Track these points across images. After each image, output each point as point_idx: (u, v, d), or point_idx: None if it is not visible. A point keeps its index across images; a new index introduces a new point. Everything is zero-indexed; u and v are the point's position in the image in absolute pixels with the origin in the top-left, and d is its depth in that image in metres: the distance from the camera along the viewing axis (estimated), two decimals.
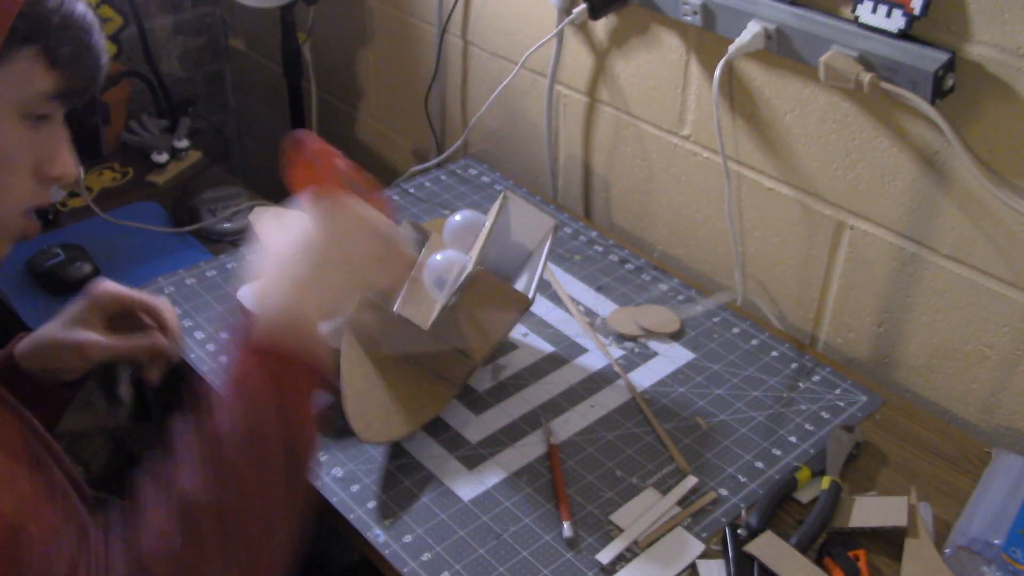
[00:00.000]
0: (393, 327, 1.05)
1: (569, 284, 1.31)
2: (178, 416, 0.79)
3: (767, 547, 0.92)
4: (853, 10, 1.03)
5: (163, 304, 1.08)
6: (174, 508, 0.73)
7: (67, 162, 0.80)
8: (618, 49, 1.35)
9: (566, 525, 0.96)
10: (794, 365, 1.18)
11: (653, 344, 1.21)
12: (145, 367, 1.07)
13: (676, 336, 1.22)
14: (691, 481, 1.01)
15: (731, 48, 1.13)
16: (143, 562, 0.72)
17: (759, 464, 1.04)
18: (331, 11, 1.84)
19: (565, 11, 1.36)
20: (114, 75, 1.65)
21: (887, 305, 1.17)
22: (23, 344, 1.02)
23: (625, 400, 1.12)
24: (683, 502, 0.99)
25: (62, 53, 0.75)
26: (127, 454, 1.97)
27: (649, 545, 0.95)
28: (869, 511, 0.97)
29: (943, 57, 0.98)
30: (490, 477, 1.03)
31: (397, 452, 1.05)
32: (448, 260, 1.08)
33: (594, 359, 1.18)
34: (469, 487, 1.02)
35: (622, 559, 0.94)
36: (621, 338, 1.21)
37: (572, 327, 1.23)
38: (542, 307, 1.26)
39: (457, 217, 1.16)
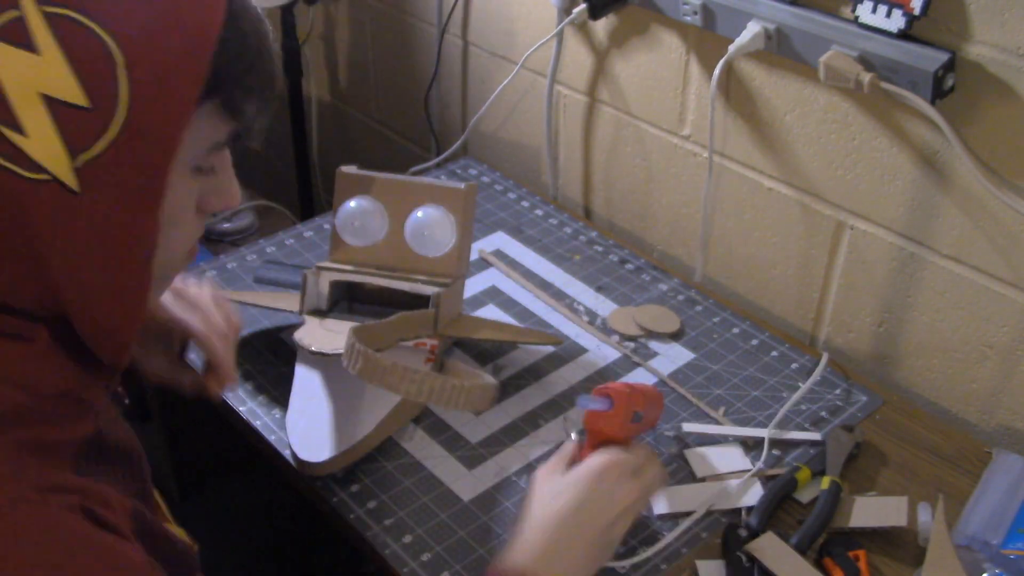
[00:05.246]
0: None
1: (569, 284, 1.31)
2: None
3: (767, 547, 0.92)
4: (853, 10, 1.03)
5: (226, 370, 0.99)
6: None
7: (232, 193, 0.74)
8: (618, 49, 1.35)
9: None
10: (794, 365, 1.18)
11: (653, 344, 1.21)
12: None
13: (676, 336, 1.22)
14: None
15: (731, 48, 1.13)
16: None
17: (760, 465, 1.04)
18: (331, 11, 1.84)
19: (565, 11, 1.36)
20: None
21: (887, 305, 1.17)
22: None
23: None
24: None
25: (243, 104, 0.67)
26: None
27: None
28: (869, 511, 0.97)
29: (943, 57, 0.98)
30: (490, 477, 1.03)
31: (397, 452, 1.05)
32: (360, 207, 1.12)
33: (594, 359, 1.18)
34: (469, 487, 1.02)
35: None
36: (621, 338, 1.21)
37: (572, 327, 1.23)
38: (542, 307, 1.26)
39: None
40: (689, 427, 1.06)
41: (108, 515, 0.65)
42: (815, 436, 1.07)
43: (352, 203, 1.13)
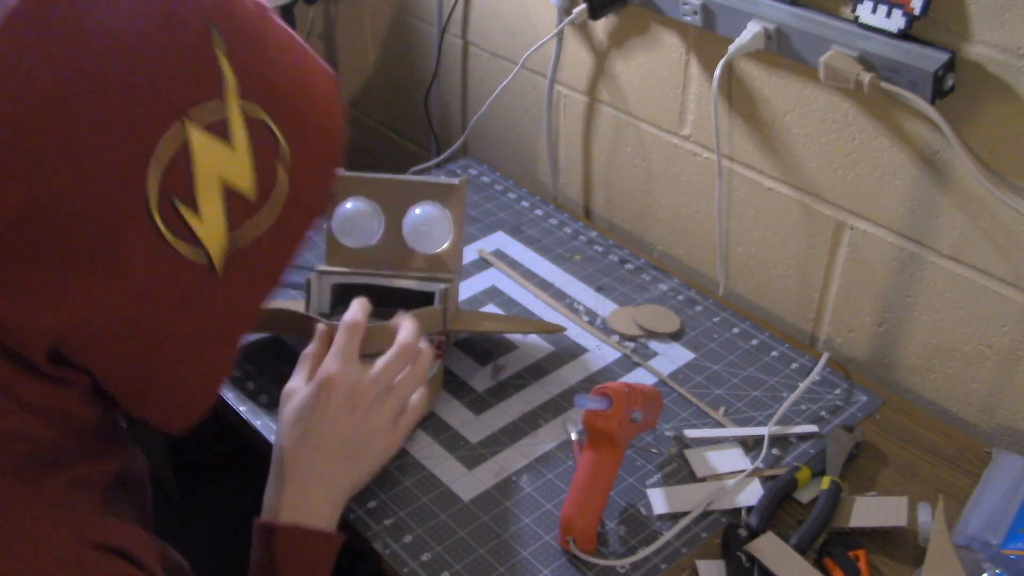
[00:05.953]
0: None
1: (569, 284, 1.31)
2: None
3: (767, 547, 0.92)
4: (853, 10, 1.03)
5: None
6: None
7: None
8: (618, 49, 1.35)
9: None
10: (794, 365, 1.18)
11: (653, 344, 1.21)
12: None
13: (676, 336, 1.22)
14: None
15: (731, 48, 1.13)
16: None
17: (759, 464, 1.04)
18: (331, 11, 1.84)
19: (565, 11, 1.36)
20: None
21: (887, 305, 1.17)
22: None
23: None
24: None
25: None
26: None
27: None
28: (869, 511, 0.97)
29: (943, 57, 0.98)
30: (490, 477, 1.03)
31: (397, 452, 1.05)
32: (356, 209, 1.13)
33: (594, 359, 1.18)
34: (469, 487, 1.02)
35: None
36: (621, 338, 1.21)
37: (572, 327, 1.23)
38: (542, 307, 1.26)
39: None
40: (691, 433, 1.06)
41: (147, 561, 0.68)
42: (813, 428, 1.07)
43: (348, 204, 1.13)
